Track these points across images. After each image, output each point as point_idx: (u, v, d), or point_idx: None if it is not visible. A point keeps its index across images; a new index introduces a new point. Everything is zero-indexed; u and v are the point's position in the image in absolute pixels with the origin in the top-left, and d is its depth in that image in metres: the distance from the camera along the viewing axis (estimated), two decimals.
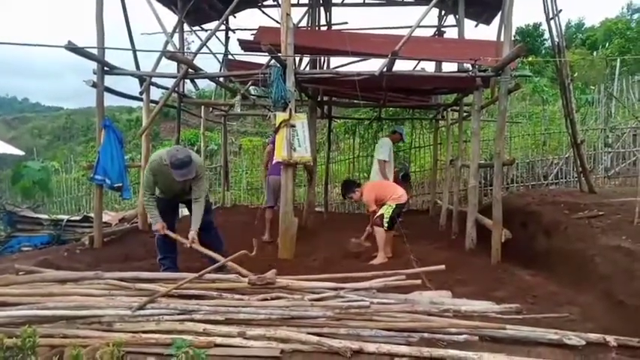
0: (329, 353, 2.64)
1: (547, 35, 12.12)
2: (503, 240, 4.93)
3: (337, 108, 11.34)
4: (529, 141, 10.50)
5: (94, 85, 5.65)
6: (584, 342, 2.74)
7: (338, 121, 12.19)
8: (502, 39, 5.41)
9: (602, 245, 4.02)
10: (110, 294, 3.24)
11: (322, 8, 8.10)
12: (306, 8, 7.92)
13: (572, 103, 6.31)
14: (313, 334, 2.76)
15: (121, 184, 5.71)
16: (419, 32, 6.48)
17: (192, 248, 4.22)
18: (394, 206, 5.33)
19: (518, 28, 23.86)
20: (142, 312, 2.96)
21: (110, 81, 5.87)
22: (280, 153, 5.28)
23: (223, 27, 8.34)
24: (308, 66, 7.66)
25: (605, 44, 19.64)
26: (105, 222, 6.44)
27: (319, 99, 8.32)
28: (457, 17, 7.06)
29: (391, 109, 10.88)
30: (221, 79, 7.53)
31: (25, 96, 79.44)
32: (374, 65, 6.38)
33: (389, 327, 2.85)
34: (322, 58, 7.80)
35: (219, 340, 2.72)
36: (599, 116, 10.47)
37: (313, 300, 3.05)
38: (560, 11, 5.89)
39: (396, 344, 2.71)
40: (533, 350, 2.71)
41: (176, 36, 7.31)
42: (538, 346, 2.76)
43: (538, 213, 5.50)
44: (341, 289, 3.18)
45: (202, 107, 9.93)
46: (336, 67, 7.78)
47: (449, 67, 7.37)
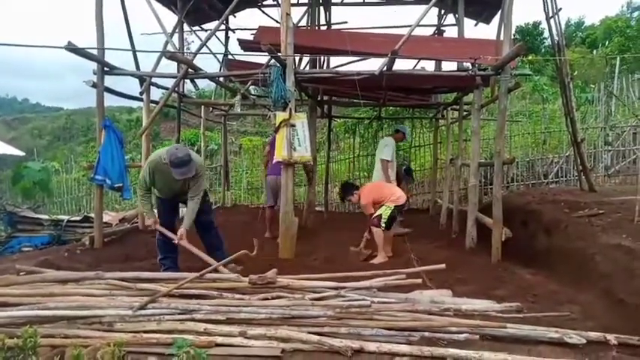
0: (330, 352, 2.65)
1: (547, 34, 12.11)
2: (503, 239, 4.93)
3: (337, 107, 11.34)
4: (529, 140, 10.50)
5: (94, 86, 5.66)
6: (584, 340, 2.74)
7: (338, 121, 12.21)
8: (502, 38, 5.41)
9: (602, 244, 4.02)
10: (111, 294, 3.24)
11: (322, 8, 8.10)
12: (305, 8, 7.92)
13: (572, 102, 6.31)
14: (314, 334, 2.77)
15: (122, 185, 5.72)
16: (418, 31, 6.49)
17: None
18: (392, 207, 5.33)
19: (517, 27, 23.88)
20: (143, 312, 2.96)
21: (110, 81, 5.89)
22: (280, 152, 5.28)
23: (223, 27, 8.34)
24: (308, 65, 7.66)
25: (605, 42, 19.61)
26: (105, 222, 6.44)
27: (319, 98, 8.32)
28: (457, 16, 7.07)
29: (391, 109, 10.88)
30: (221, 79, 7.53)
31: (25, 96, 79.59)
32: (374, 64, 6.35)
33: (390, 326, 2.85)
34: (322, 58, 7.80)
35: (220, 340, 2.73)
36: (599, 115, 10.47)
37: (314, 299, 3.05)
38: (559, 10, 5.89)
39: (397, 343, 2.71)
40: (533, 349, 2.71)
41: (176, 36, 7.31)
42: (539, 345, 2.76)
43: (538, 212, 5.50)
44: (342, 289, 3.19)
45: (202, 107, 9.93)
46: (336, 67, 7.76)
47: (449, 66, 7.38)
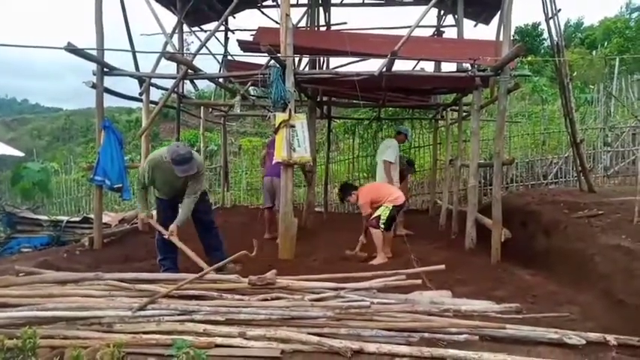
0: (329, 353, 2.64)
1: (546, 35, 12.13)
2: (502, 239, 4.94)
3: (337, 108, 11.34)
4: (528, 140, 10.51)
5: (94, 86, 5.65)
6: (584, 341, 2.74)
7: (337, 121, 12.21)
8: (501, 38, 5.42)
9: (601, 244, 4.02)
10: (110, 295, 3.24)
11: (321, 8, 8.10)
12: (305, 8, 7.92)
13: (571, 103, 6.31)
14: (314, 335, 2.76)
15: (121, 185, 5.71)
16: (418, 32, 6.49)
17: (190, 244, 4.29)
18: (391, 208, 5.33)
19: (517, 28, 23.92)
20: (143, 313, 2.96)
21: (110, 82, 5.88)
22: (280, 153, 5.28)
23: (223, 27, 8.34)
24: (307, 66, 7.67)
25: (604, 43, 19.63)
26: (105, 223, 6.43)
27: (319, 99, 8.33)
28: (456, 17, 7.07)
29: (391, 109, 10.89)
30: (220, 80, 7.53)
31: (25, 97, 79.54)
32: (373, 65, 6.37)
33: (389, 327, 2.85)
34: (321, 59, 7.80)
35: (219, 341, 2.73)
36: (598, 115, 10.49)
37: (313, 300, 3.05)
38: (559, 10, 5.89)
39: (397, 344, 2.71)
40: (533, 350, 2.71)
41: (175, 37, 7.31)
42: (538, 346, 2.76)
43: (538, 212, 5.50)
44: (341, 289, 3.19)
45: (202, 108, 9.93)
46: (336, 68, 7.78)
47: (448, 67, 7.38)
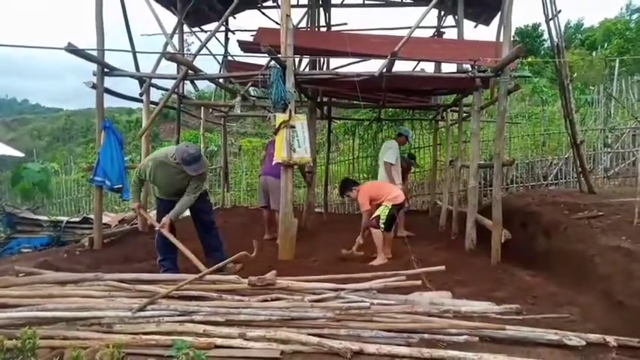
0: (329, 354, 2.64)
1: (546, 36, 12.11)
2: (503, 240, 4.94)
3: (337, 109, 11.34)
4: (528, 141, 10.51)
5: (94, 87, 5.66)
6: (584, 342, 2.74)
7: (337, 122, 12.21)
8: (501, 39, 5.42)
9: (601, 245, 4.02)
10: (110, 295, 3.23)
11: (322, 9, 8.11)
12: (305, 9, 7.93)
13: (571, 104, 6.31)
14: (313, 335, 2.76)
15: (121, 186, 5.71)
16: (418, 33, 6.49)
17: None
18: (390, 207, 5.32)
19: (517, 29, 23.93)
20: (142, 313, 2.96)
21: (110, 82, 5.88)
22: (280, 154, 5.28)
23: (223, 28, 8.34)
24: (308, 67, 7.67)
25: (604, 44, 19.63)
26: (105, 223, 6.44)
27: (319, 100, 8.33)
28: (456, 18, 7.07)
29: (391, 110, 10.88)
30: (221, 81, 7.53)
31: (25, 97, 79.47)
32: (373, 66, 6.38)
33: (389, 328, 2.85)
34: (322, 59, 7.80)
35: (219, 342, 2.72)
36: (598, 116, 10.48)
37: (313, 301, 3.05)
38: (559, 12, 5.90)
39: (397, 345, 2.71)
40: (533, 351, 2.71)
41: (176, 37, 7.31)
42: (538, 347, 2.76)
43: (538, 213, 5.50)
44: (341, 290, 3.19)
45: (202, 108, 9.93)
46: (336, 68, 7.79)
47: (448, 68, 7.38)
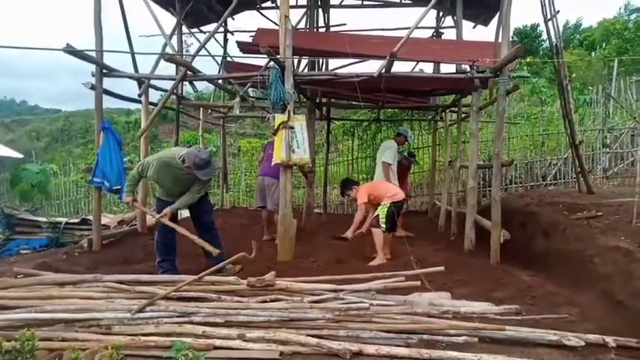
0: (328, 355, 2.64)
1: (545, 36, 12.15)
2: (502, 241, 4.94)
3: (336, 109, 11.33)
4: (527, 142, 10.51)
5: (93, 88, 5.65)
6: (583, 343, 2.74)
7: (337, 123, 12.20)
8: (500, 40, 5.43)
9: (600, 246, 4.02)
10: (109, 297, 3.23)
11: (321, 10, 8.11)
12: (304, 10, 7.93)
13: (570, 104, 6.32)
14: (312, 336, 2.76)
15: (120, 187, 5.69)
16: (417, 33, 6.50)
17: (184, 235, 4.41)
18: (389, 205, 5.32)
19: (516, 29, 23.90)
20: (141, 315, 2.96)
21: (109, 83, 5.87)
22: (279, 155, 5.28)
23: (222, 29, 8.34)
24: (306, 68, 7.67)
25: (602, 45, 19.63)
26: (104, 224, 6.43)
27: (318, 100, 8.33)
28: (455, 18, 7.08)
29: (390, 111, 10.89)
30: (220, 81, 7.54)
31: (24, 98, 79.17)
32: (372, 67, 6.39)
33: (388, 329, 2.85)
34: (321, 60, 7.81)
35: (218, 343, 2.72)
36: (597, 117, 10.49)
37: (312, 302, 3.05)
38: (557, 12, 5.90)
39: (396, 346, 2.71)
40: (532, 351, 2.71)
41: (174, 38, 7.31)
42: (537, 347, 2.76)
43: (537, 214, 5.51)
44: (340, 291, 3.19)
45: (201, 109, 9.93)
46: (335, 69, 7.80)
47: (447, 69, 7.40)
